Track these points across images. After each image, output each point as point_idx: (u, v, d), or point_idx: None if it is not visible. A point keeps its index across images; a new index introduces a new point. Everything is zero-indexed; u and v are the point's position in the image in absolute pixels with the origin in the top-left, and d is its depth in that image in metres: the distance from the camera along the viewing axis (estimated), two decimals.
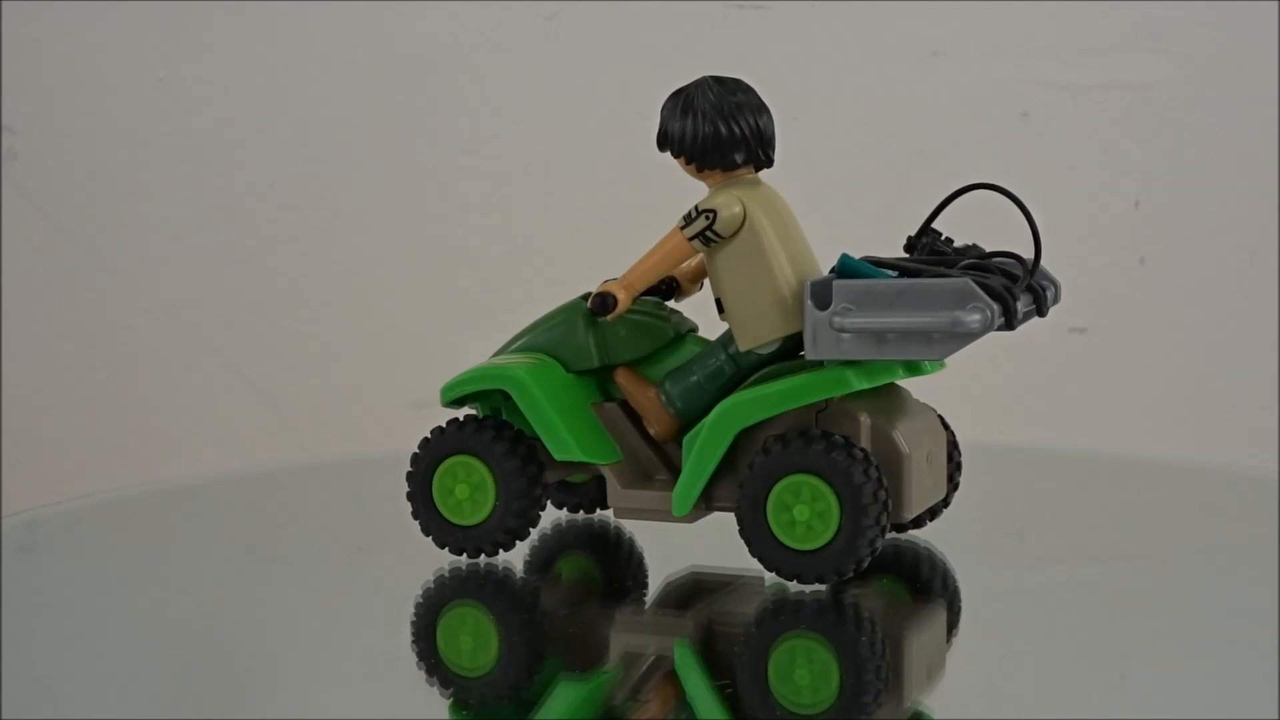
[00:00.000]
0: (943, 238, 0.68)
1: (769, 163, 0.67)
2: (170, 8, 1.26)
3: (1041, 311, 0.66)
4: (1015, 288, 0.63)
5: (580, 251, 1.24)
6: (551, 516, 0.77)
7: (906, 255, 0.68)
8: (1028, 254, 0.67)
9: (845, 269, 0.64)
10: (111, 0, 1.25)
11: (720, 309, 0.67)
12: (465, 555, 0.71)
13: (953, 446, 0.71)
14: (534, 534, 0.73)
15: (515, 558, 0.72)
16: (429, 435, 0.71)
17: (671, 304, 0.72)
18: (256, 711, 0.56)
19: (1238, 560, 0.74)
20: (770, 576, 0.65)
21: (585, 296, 0.71)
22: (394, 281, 1.28)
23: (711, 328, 0.70)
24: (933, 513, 0.71)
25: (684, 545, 0.72)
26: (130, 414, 1.28)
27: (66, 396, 1.28)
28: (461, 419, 0.71)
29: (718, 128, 0.66)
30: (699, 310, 0.72)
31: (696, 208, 0.66)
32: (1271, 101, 1.28)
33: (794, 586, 0.65)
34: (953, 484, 0.71)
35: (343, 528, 0.81)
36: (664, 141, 0.67)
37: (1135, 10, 1.27)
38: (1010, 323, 0.62)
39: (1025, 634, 0.63)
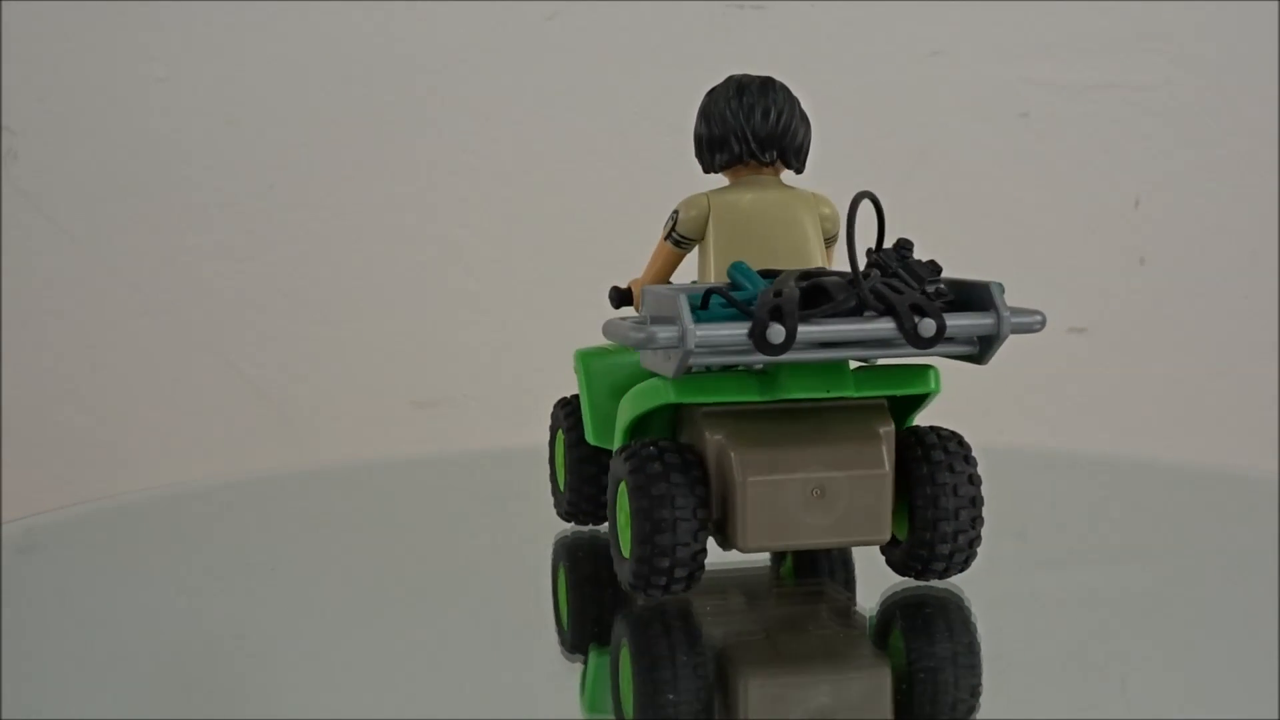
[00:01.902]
0: (902, 250, 0.62)
1: (770, 161, 0.66)
2: (170, 8, 1.26)
3: (915, 341, 0.58)
4: (793, 309, 0.57)
5: (580, 251, 1.24)
6: None
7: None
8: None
9: (731, 278, 0.62)
10: (111, 0, 1.25)
11: None
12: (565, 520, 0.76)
13: (949, 491, 0.62)
14: None
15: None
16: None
17: None
18: (253, 712, 0.56)
19: (1238, 561, 0.74)
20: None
21: None
22: (394, 281, 1.28)
23: None
24: (924, 562, 0.63)
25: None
26: (130, 415, 1.28)
27: (66, 397, 1.28)
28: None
29: (705, 129, 0.66)
30: None
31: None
32: (1271, 101, 1.28)
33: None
34: (940, 532, 0.63)
35: (343, 532, 0.81)
36: None
37: (1135, 10, 1.27)
38: (760, 346, 0.57)
39: (1025, 635, 0.63)
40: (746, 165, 0.66)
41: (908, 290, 0.59)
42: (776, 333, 0.57)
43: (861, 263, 0.61)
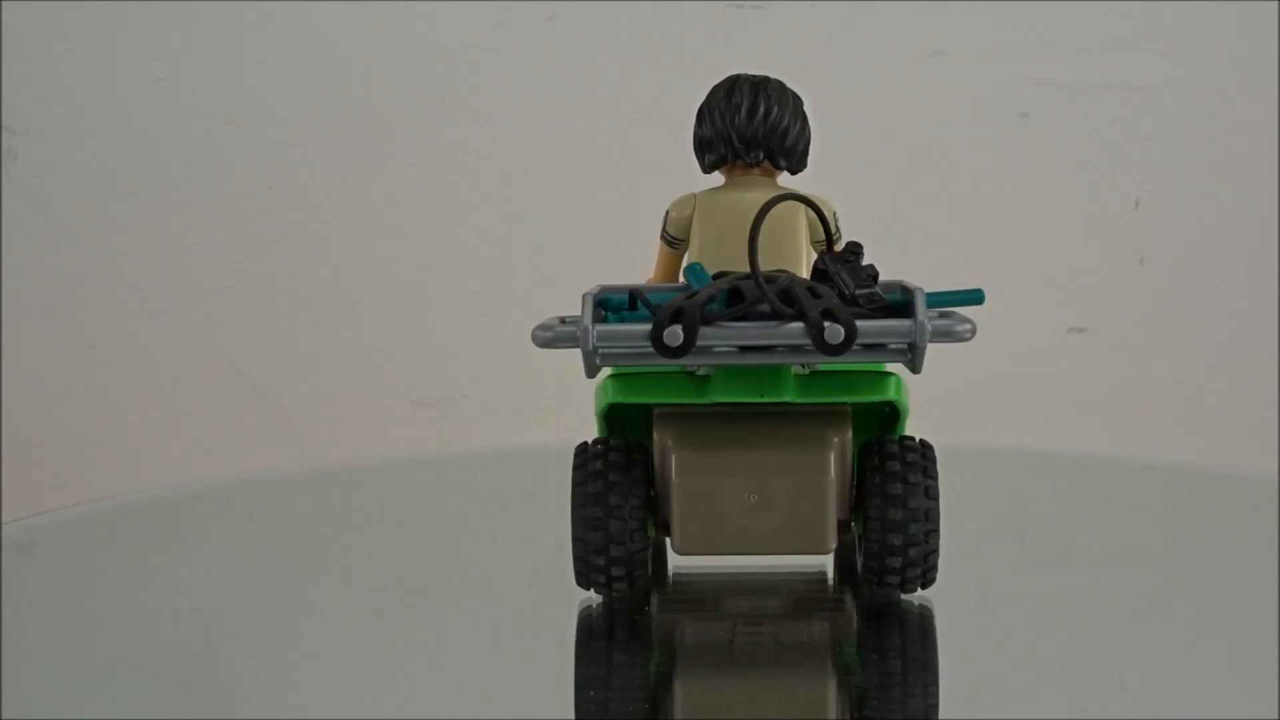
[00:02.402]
0: (849, 254, 0.60)
1: (756, 161, 0.64)
2: (170, 8, 1.25)
3: (821, 346, 0.56)
4: (694, 312, 0.56)
5: (580, 251, 1.24)
6: None
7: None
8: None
9: (685, 279, 0.62)
10: (111, 0, 1.25)
11: None
12: None
13: (899, 502, 0.60)
14: None
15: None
16: None
17: None
18: (253, 712, 0.56)
19: (1238, 561, 0.74)
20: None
21: None
22: (394, 281, 1.28)
23: None
24: (890, 572, 0.61)
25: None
26: (130, 415, 1.28)
27: (66, 397, 1.28)
28: None
29: (698, 129, 0.66)
30: None
31: None
32: (1271, 101, 1.28)
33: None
34: (888, 544, 0.60)
35: (343, 532, 0.81)
36: None
37: (1135, 10, 1.27)
38: (658, 348, 0.56)
39: (1026, 636, 0.63)
40: (735, 165, 0.65)
41: (826, 294, 0.58)
42: (674, 335, 0.56)
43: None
